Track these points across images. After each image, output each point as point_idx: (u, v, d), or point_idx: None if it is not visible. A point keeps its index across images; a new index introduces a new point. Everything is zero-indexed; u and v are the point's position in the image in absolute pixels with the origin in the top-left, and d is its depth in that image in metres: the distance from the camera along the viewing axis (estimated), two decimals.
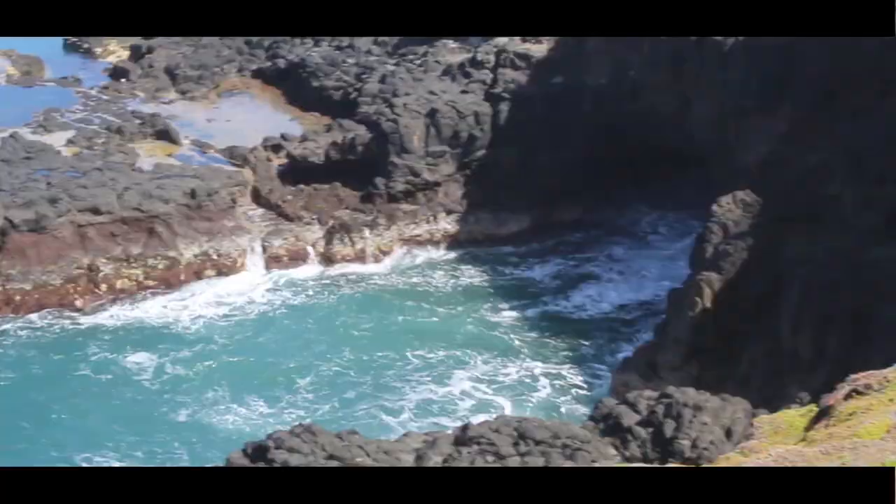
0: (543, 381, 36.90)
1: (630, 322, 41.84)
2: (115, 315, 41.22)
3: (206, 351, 38.94)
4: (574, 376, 37.69)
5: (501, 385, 36.94)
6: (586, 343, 39.99)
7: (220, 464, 32.08)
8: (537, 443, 24.11)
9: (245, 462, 23.74)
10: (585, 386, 37.11)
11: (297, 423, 24.77)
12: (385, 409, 35.11)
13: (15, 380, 36.94)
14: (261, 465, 23.31)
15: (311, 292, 43.07)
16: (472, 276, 44.75)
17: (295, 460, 23.13)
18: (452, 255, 46.38)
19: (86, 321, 40.67)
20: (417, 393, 36.40)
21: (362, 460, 23.61)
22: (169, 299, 42.39)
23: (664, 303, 41.53)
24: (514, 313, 42.02)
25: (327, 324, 40.88)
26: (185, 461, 32.92)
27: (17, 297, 40.98)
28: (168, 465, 32.80)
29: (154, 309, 41.59)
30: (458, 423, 27.53)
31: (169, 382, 36.94)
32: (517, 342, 39.90)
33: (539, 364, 38.32)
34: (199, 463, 32.84)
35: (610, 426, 25.58)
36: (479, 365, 38.16)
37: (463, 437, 24.33)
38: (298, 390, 36.53)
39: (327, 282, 43.83)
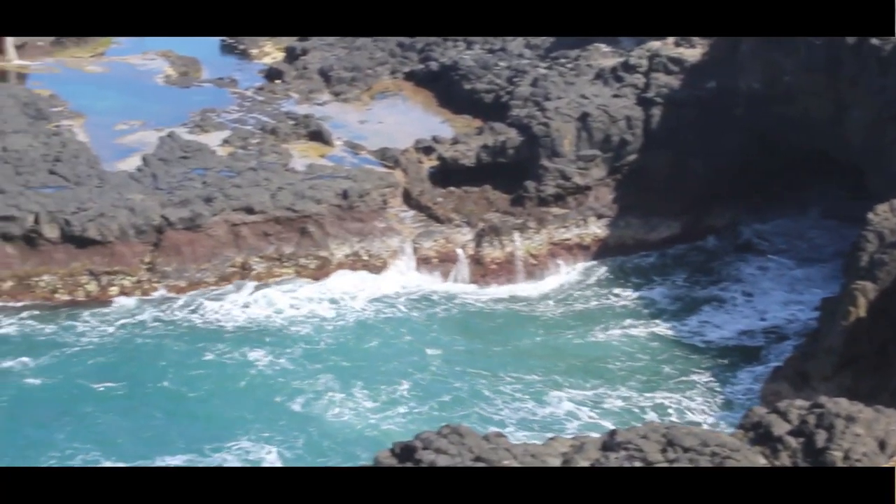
0: (651, 415, 35.45)
1: (752, 349, 40.36)
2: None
3: (326, 348, 39.39)
4: (686, 408, 36.44)
5: (606, 410, 35.96)
6: (701, 371, 38.61)
7: (336, 453, 32.94)
8: (686, 450, 23.77)
9: (393, 462, 23.80)
10: (697, 420, 35.62)
11: (444, 425, 24.70)
12: (488, 420, 34.59)
13: (152, 368, 37.71)
14: (408, 464, 23.35)
15: (447, 305, 43.00)
16: (589, 296, 44.04)
17: (442, 461, 23.13)
18: (581, 269, 45.90)
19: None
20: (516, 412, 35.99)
21: (509, 462, 23.53)
22: (314, 295, 42.69)
23: (791, 329, 40.83)
24: (626, 336, 41.02)
25: (451, 335, 40.86)
26: (300, 449, 33.40)
27: (172, 295, 41.85)
28: (288, 452, 33.24)
29: (300, 306, 41.96)
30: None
31: (287, 375, 37.47)
32: (625, 368, 38.82)
33: (647, 393, 37.09)
34: (315, 452, 33.30)
35: (760, 435, 25.12)
36: (583, 388, 37.24)
37: (611, 443, 24.09)
38: (401, 393, 36.62)
39: (468, 297, 43.70)
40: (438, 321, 41.67)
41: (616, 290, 44.33)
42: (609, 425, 32.77)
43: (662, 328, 41.55)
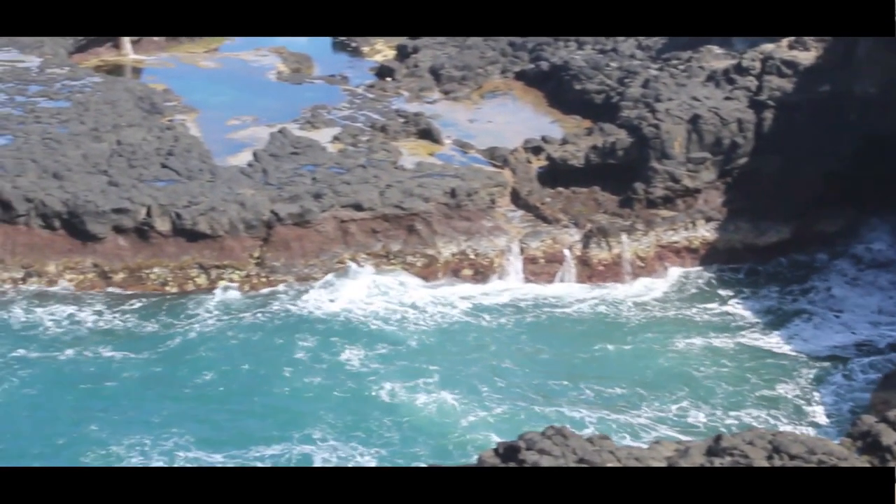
0: (739, 423, 34.86)
1: (841, 363, 39.39)
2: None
3: (420, 347, 39.50)
4: (773, 420, 35.67)
5: (689, 428, 35.17)
6: (787, 387, 37.73)
7: (428, 449, 32.81)
8: (792, 457, 23.50)
9: (496, 461, 23.78)
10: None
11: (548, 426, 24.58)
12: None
13: (251, 361, 38.16)
14: (511, 465, 23.29)
15: (540, 309, 42.72)
16: (686, 303, 43.43)
17: (545, 461, 23.07)
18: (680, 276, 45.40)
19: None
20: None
21: (612, 464, 23.42)
22: (415, 293, 42.76)
23: (884, 341, 39.92)
24: (711, 349, 40.22)
25: (541, 340, 40.53)
26: (391, 447, 33.53)
27: (280, 288, 42.22)
28: (378, 451, 33.30)
29: (400, 303, 42.07)
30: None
31: (379, 373, 37.57)
32: (709, 381, 38.09)
33: (733, 406, 36.41)
34: (407, 451, 33.32)
35: (868, 444, 24.78)
36: (665, 403, 36.62)
37: (716, 448, 23.87)
38: (489, 395, 36.47)
39: (572, 299, 43.45)
40: (539, 324, 41.52)
41: (711, 299, 43.76)
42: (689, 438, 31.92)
43: (750, 339, 40.80)
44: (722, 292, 44.23)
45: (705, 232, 45.93)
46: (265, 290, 42.21)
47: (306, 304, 41.47)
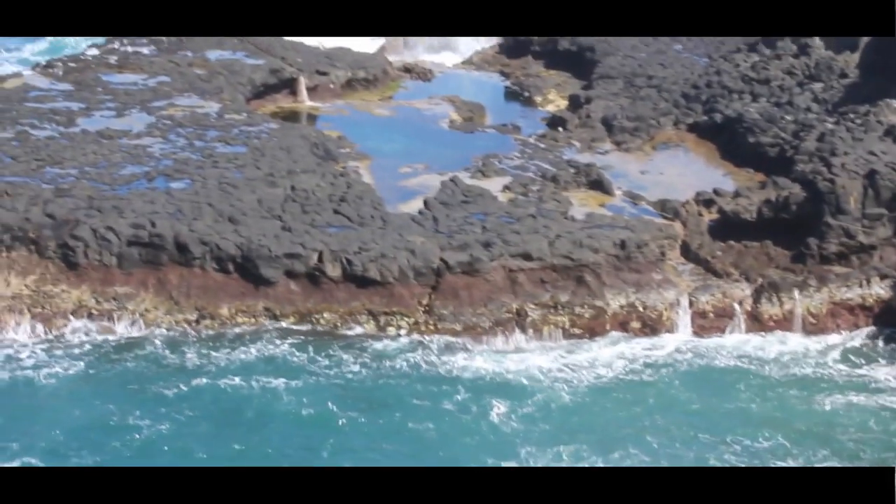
0: None
1: None
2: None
3: (569, 406, 38.95)
4: None
5: None
6: None
7: None
8: None
9: None
10: None
11: None
12: None
13: (401, 408, 38.21)
14: None
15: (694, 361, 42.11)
16: (853, 363, 42.20)
17: None
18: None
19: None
20: None
21: None
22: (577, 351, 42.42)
23: None
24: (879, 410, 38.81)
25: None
26: None
27: (447, 337, 42.36)
28: None
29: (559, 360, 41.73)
30: None
31: (521, 434, 36.98)
32: (854, 442, 36.72)
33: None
34: None
35: None
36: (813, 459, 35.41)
37: None
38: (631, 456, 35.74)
39: (744, 355, 42.69)
40: (703, 379, 40.83)
41: (882, 359, 42.43)
42: None
43: None
44: (883, 353, 43.05)
45: (880, 290, 44.79)
46: (431, 337, 42.36)
47: (465, 355, 41.54)
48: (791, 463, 35.33)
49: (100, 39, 69.30)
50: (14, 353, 40.47)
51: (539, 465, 35.23)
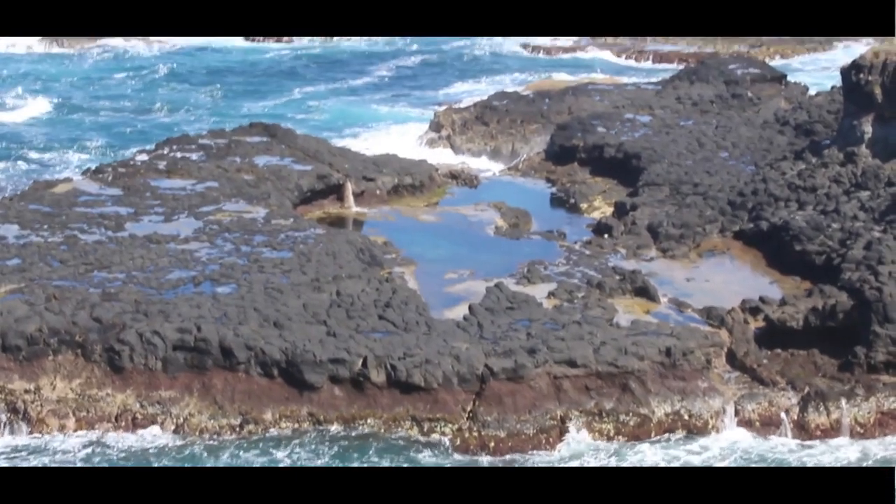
0: None
1: None
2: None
3: None
4: None
5: None
6: None
7: None
8: None
9: None
10: None
11: None
12: None
13: None
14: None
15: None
16: None
17: None
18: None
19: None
20: None
21: None
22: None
23: None
24: None
25: None
26: None
27: (491, 444, 42.05)
28: None
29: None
30: None
31: None
32: None
33: None
34: None
35: None
36: None
37: None
38: None
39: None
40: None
41: None
42: None
43: None
44: None
45: None
46: (474, 445, 42.07)
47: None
48: None
49: (149, 145, 70.41)
50: (58, 456, 40.50)
51: None
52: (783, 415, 43.53)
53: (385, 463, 40.62)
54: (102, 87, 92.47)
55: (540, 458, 41.39)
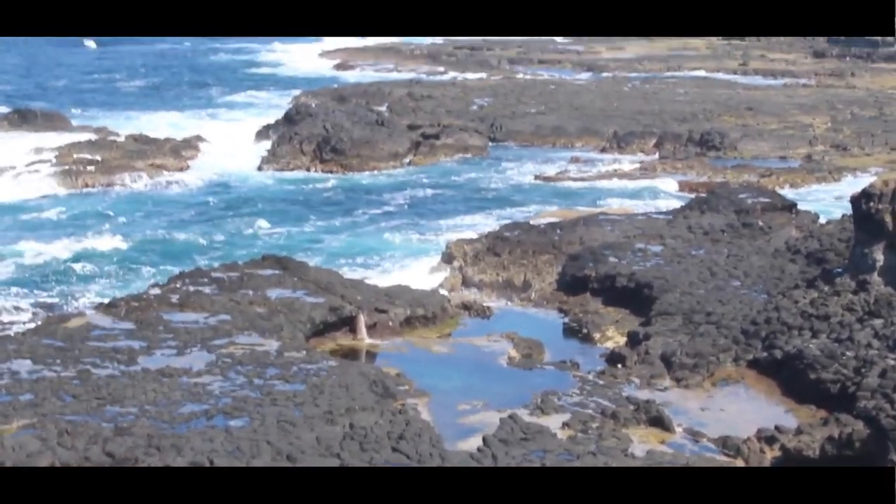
0: None
1: None
2: None
3: None
4: None
5: None
6: None
7: None
8: None
9: None
10: None
11: None
12: None
13: None
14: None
15: None
16: None
17: None
18: None
19: None
20: None
21: None
22: None
23: None
24: None
25: None
26: None
27: None
28: None
29: None
30: None
31: None
32: None
33: None
34: None
35: None
36: None
37: None
38: None
39: None
40: None
41: None
42: None
43: None
44: None
45: None
46: None
47: None
48: None
49: (162, 278, 70.79)
50: None
51: None
52: None
53: None
54: (121, 225, 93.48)
55: None
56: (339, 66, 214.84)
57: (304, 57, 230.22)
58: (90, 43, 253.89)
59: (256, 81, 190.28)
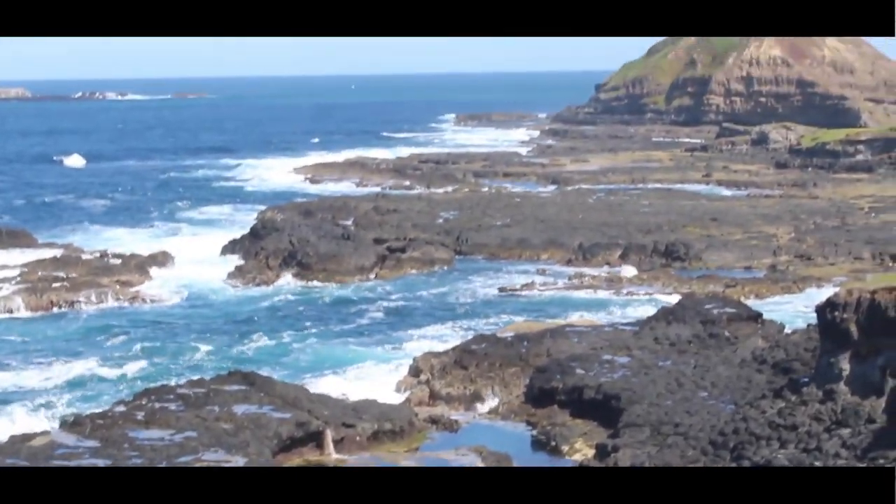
0: None
1: None
2: None
3: None
4: None
5: None
6: None
7: None
8: None
9: None
10: None
11: None
12: None
13: None
14: None
15: None
16: None
17: None
18: None
19: None
20: None
21: None
22: None
23: None
24: None
25: None
26: None
27: None
28: None
29: None
30: None
31: None
32: None
33: None
34: None
35: None
36: None
37: None
38: None
39: None
40: None
41: None
42: None
43: None
44: None
45: None
46: None
47: None
48: None
49: (126, 394, 70.31)
50: None
51: None
52: None
53: None
54: (89, 345, 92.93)
55: None
56: (306, 181, 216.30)
57: (272, 173, 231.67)
58: (73, 160, 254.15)
59: (222, 196, 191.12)
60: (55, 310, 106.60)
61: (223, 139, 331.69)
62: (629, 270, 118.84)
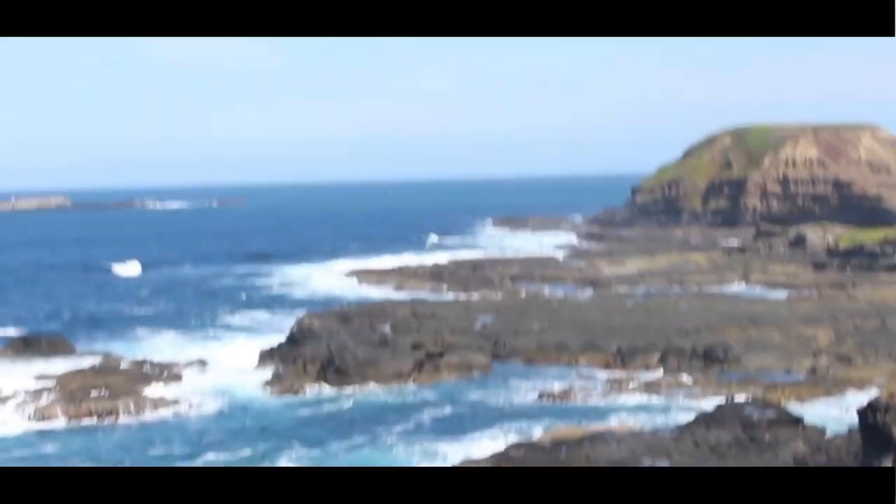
0: None
1: None
2: None
3: None
4: None
5: None
6: None
7: None
8: None
9: None
10: None
11: None
12: None
13: None
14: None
15: None
16: None
17: None
18: None
19: None
20: None
21: None
22: None
23: None
24: None
25: None
26: None
27: None
28: None
29: None
30: None
31: None
32: None
33: None
34: None
35: None
36: None
37: None
38: None
39: None
40: None
41: None
42: None
43: None
44: None
45: None
46: None
47: None
48: None
49: None
50: None
51: None
52: None
53: None
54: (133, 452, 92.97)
55: None
56: (344, 286, 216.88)
57: (311, 279, 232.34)
58: (128, 269, 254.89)
59: (263, 302, 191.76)
60: (93, 420, 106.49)
61: (264, 245, 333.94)
62: (668, 374, 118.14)
